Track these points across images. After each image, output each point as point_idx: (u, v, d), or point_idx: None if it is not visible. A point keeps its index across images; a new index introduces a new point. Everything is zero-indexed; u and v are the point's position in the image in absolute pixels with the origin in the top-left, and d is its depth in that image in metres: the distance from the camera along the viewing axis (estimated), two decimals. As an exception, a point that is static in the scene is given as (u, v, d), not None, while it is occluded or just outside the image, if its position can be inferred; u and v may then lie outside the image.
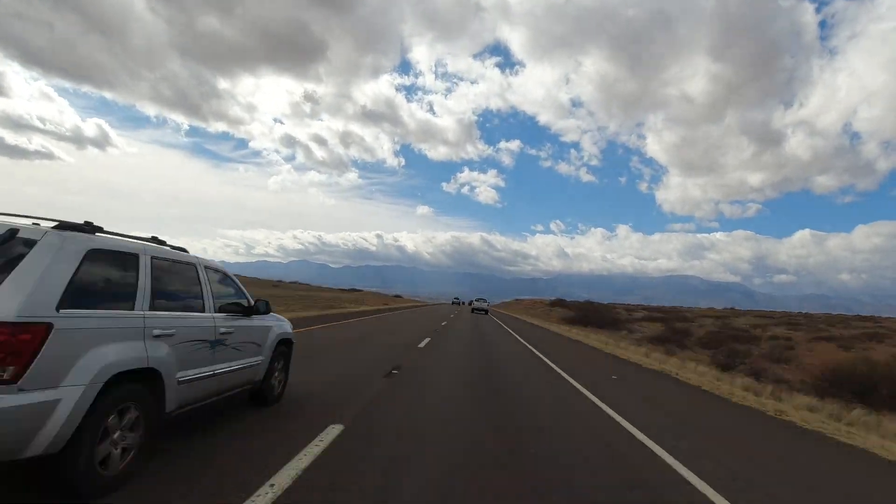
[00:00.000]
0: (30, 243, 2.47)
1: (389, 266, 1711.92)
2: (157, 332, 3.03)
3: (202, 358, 3.55)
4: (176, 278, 3.50)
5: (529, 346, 15.76)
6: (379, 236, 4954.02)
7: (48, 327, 2.33)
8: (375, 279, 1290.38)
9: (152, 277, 3.13)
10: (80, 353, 2.48)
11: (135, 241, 3.23)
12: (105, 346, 2.61)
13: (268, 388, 4.82)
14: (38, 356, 2.27)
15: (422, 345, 12.13)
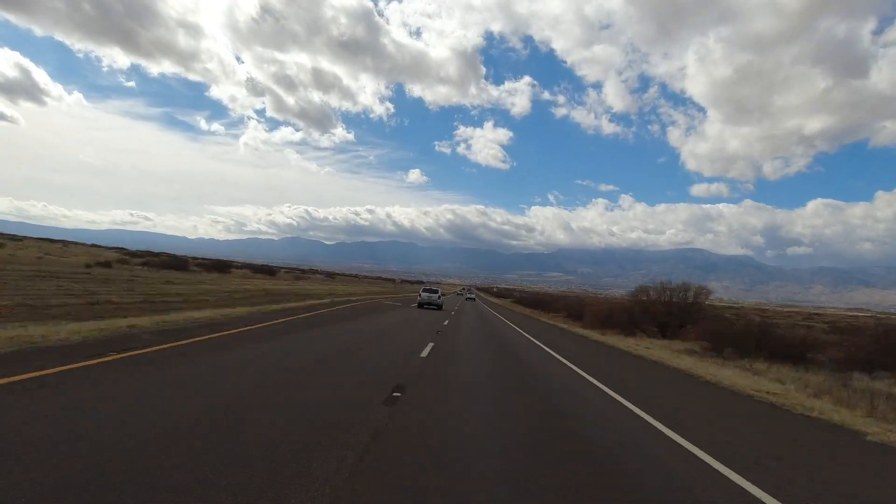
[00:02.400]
0: (437, 289, 35.50)
1: (385, 242, 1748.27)
2: (437, 294, 35.37)
3: (438, 299, 35.73)
4: (438, 290, 35.98)
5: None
6: (371, 211, 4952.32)
7: (441, 295, 35.63)
8: (370, 255, 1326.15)
9: (440, 292, 35.83)
10: (441, 296, 35.64)
11: (439, 284, 36.32)
12: (440, 297, 35.35)
13: (440, 305, 36.68)
14: (439, 297, 34.93)
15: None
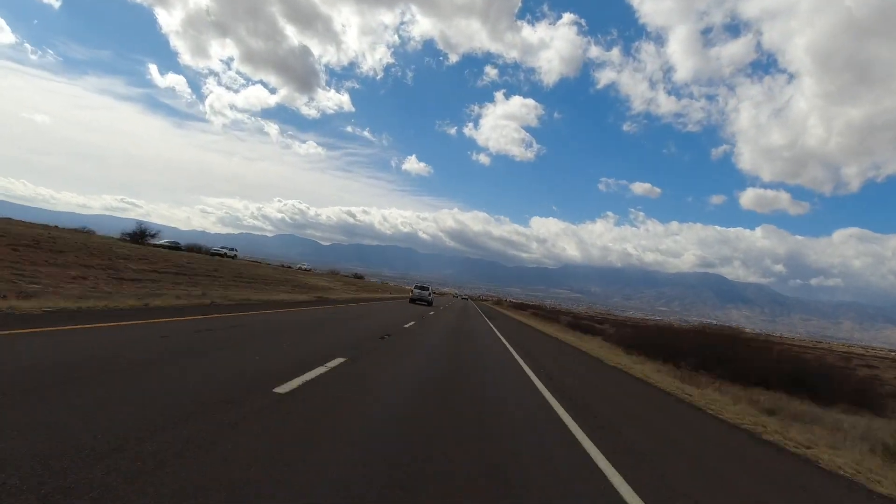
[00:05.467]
0: (427, 287, 45.11)
1: (383, 246, 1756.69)
2: (427, 292, 44.25)
3: (428, 296, 44.48)
4: (429, 288, 44.93)
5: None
6: (366, 212, 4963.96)
7: (431, 293, 44.98)
8: (367, 258, 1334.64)
9: (430, 290, 45.11)
10: (431, 294, 44.94)
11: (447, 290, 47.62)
12: (430, 295, 44.32)
13: (430, 301, 45.03)
14: (429, 294, 44.32)
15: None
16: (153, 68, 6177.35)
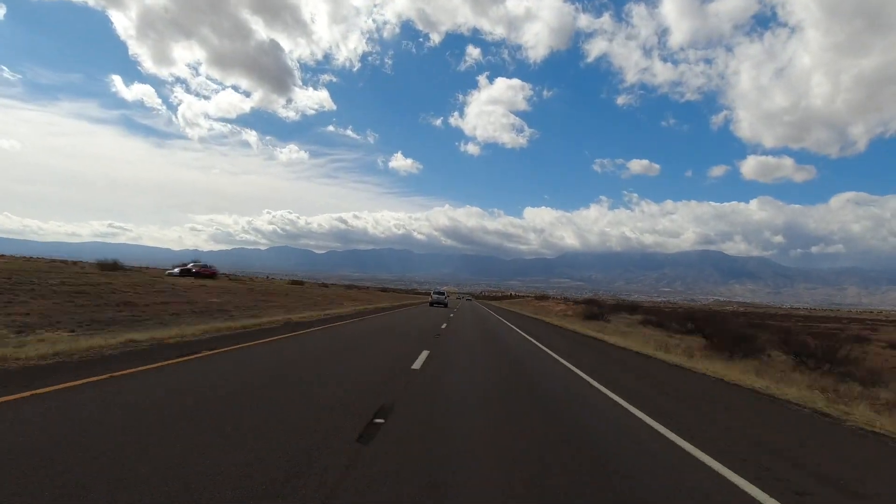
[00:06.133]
0: (444, 291, 50.66)
1: (379, 249, 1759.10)
2: (444, 296, 49.68)
3: (445, 299, 49.90)
4: (445, 292, 49.98)
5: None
6: (357, 216, 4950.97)
7: (447, 296, 52.37)
8: (363, 264, 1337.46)
9: (445, 293, 50.33)
10: (447, 297, 50.74)
11: (446, 289, 51.58)
12: (446, 297, 50.06)
13: (446, 304, 50.56)
14: (446, 297, 49.99)
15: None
16: (117, 80, 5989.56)
